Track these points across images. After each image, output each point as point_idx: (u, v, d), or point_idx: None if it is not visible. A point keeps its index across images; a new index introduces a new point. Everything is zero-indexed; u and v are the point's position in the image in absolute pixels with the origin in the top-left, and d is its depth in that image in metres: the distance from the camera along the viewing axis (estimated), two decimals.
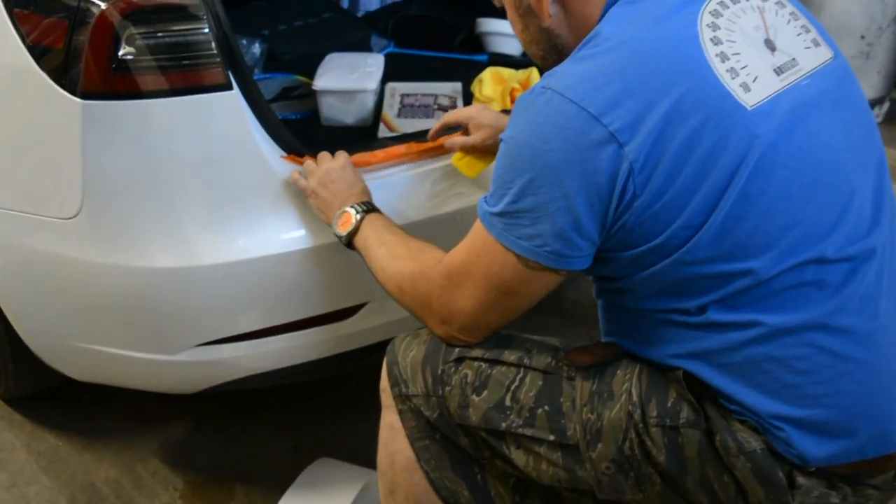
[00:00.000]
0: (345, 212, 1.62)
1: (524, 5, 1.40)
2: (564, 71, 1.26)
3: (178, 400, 2.16)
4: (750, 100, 1.23)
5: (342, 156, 1.75)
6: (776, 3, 1.36)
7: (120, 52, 1.56)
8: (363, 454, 2.06)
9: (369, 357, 1.94)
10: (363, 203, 1.63)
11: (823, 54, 1.36)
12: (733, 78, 1.24)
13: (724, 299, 1.26)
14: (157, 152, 1.63)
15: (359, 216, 1.60)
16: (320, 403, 2.37)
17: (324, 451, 2.16)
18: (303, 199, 1.74)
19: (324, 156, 1.74)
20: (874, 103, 4.06)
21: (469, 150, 1.82)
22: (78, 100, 1.58)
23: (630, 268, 1.29)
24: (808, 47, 1.35)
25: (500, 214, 1.29)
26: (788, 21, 1.36)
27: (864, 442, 1.28)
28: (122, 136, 1.61)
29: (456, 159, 1.84)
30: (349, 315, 1.89)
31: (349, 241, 1.61)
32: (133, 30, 1.56)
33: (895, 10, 3.79)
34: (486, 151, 1.79)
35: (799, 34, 1.35)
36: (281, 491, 2.00)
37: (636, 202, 1.21)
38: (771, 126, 1.23)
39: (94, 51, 1.56)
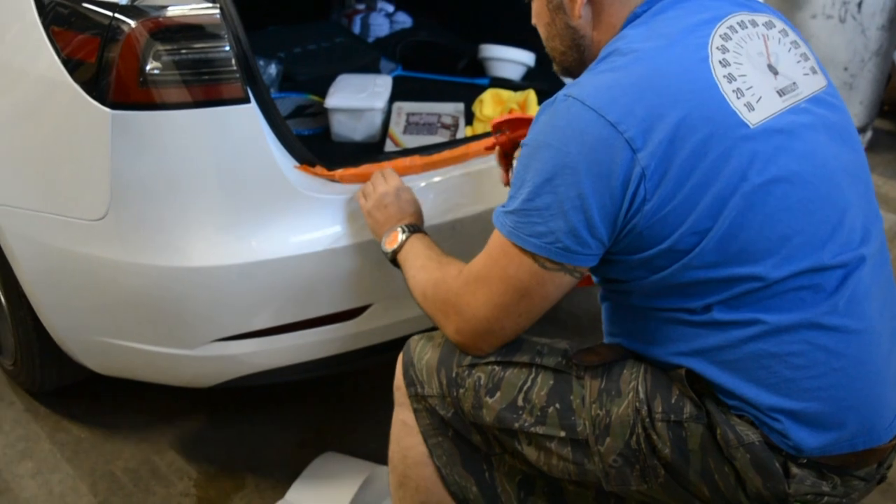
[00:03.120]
0: (393, 230, 1.67)
1: (556, 1, 1.44)
2: (585, 82, 1.30)
3: (193, 396, 2.23)
4: (753, 118, 1.28)
5: (394, 178, 1.79)
6: (780, 32, 1.41)
7: (147, 67, 1.61)
8: (365, 449, 2.14)
9: (374, 356, 2.00)
10: (411, 225, 1.67)
11: (819, 82, 1.40)
12: (738, 98, 1.28)
13: (728, 300, 1.29)
14: (179, 159, 1.68)
15: (404, 235, 1.64)
16: (325, 401, 2.40)
17: (328, 445, 2.20)
18: (314, 206, 1.79)
19: (377, 177, 1.79)
20: (857, 132, 4.11)
21: None
22: (108, 110, 1.63)
23: (638, 270, 1.33)
24: (807, 74, 1.40)
25: (515, 212, 1.31)
26: (790, 49, 1.40)
27: (853, 434, 1.31)
28: (147, 144, 1.66)
29: None
30: (355, 315, 1.93)
31: (394, 258, 1.64)
32: (159, 47, 1.61)
33: (877, 44, 3.85)
34: None
35: (798, 61, 1.40)
36: (289, 482, 2.05)
37: (646, 206, 1.25)
38: (772, 143, 1.27)
39: (123, 65, 1.61)
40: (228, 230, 1.74)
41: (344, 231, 1.82)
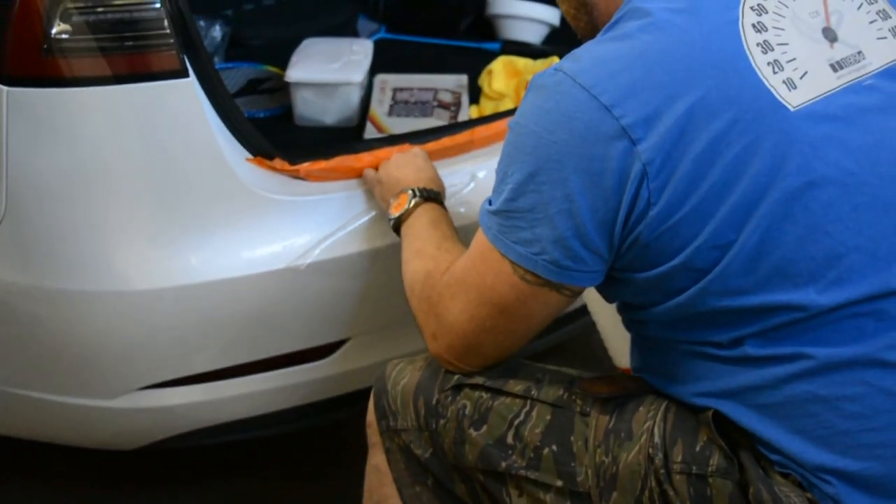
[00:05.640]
0: (402, 193, 1.75)
1: None
2: (584, 53, 1.32)
3: (111, 461, 2.19)
4: (794, 99, 1.27)
5: (413, 149, 1.90)
6: None
7: (53, 31, 1.60)
8: None
9: (351, 406, 2.00)
10: (425, 189, 1.75)
11: None
12: (775, 73, 1.28)
13: (763, 332, 1.29)
14: (96, 151, 1.68)
15: (413, 200, 1.72)
16: (285, 468, 2.39)
17: None
18: (273, 211, 1.81)
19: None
20: None
21: None
22: (3, 87, 1.62)
23: (651, 294, 1.35)
24: (883, 38, 1.37)
25: (497, 213, 1.36)
26: (861, 5, 1.38)
27: None
28: (54, 131, 1.64)
29: None
30: (327, 354, 1.95)
31: (398, 227, 1.73)
32: (69, 4, 1.60)
33: None
34: None
35: (873, 21, 1.38)
36: None
37: (651, 211, 1.26)
38: (818, 132, 1.26)
39: (21, 28, 1.60)
40: (160, 243, 1.74)
41: (312, 243, 1.83)
